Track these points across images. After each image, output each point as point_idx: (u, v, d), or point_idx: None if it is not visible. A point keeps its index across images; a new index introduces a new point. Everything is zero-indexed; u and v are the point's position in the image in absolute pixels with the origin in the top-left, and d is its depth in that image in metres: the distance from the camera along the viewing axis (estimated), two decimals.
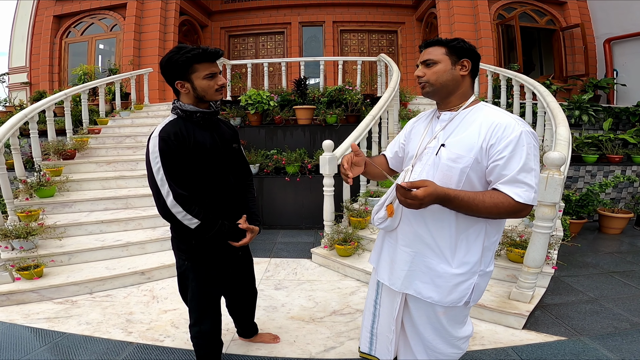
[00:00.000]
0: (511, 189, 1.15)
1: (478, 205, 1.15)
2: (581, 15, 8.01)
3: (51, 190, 4.01)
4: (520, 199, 1.14)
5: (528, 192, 1.15)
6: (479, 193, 1.18)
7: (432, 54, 1.31)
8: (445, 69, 1.29)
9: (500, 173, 1.18)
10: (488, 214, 1.17)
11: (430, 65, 1.31)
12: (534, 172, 1.17)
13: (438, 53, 1.30)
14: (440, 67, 1.29)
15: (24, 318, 2.66)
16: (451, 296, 1.31)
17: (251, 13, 10.57)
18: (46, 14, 9.09)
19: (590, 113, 5.67)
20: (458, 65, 1.29)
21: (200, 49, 1.50)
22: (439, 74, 1.30)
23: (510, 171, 1.16)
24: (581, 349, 2.24)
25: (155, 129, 1.54)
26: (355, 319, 2.61)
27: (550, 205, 2.33)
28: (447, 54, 1.29)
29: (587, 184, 4.97)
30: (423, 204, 1.12)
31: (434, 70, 1.30)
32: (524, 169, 1.15)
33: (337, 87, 5.90)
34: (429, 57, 1.31)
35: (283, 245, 4.21)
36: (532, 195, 1.16)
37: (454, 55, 1.29)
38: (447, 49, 1.29)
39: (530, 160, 1.16)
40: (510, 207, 1.15)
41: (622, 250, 4.06)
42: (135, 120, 6.42)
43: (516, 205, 1.15)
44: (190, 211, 1.53)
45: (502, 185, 1.17)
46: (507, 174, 1.16)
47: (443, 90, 1.32)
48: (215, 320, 1.85)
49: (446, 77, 1.29)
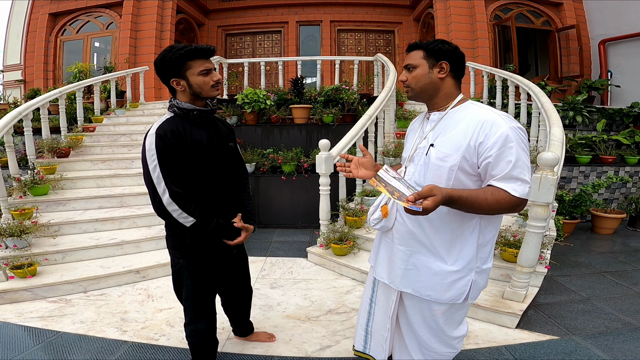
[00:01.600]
0: (507, 184, 1.17)
1: (481, 202, 1.16)
2: (577, 17, 8.07)
3: (45, 188, 3.99)
4: (516, 193, 1.16)
5: (523, 186, 1.17)
6: (479, 191, 1.19)
7: (412, 58, 1.33)
8: (424, 73, 1.31)
9: (494, 169, 1.19)
10: (490, 210, 1.19)
11: (411, 70, 1.34)
12: (526, 166, 1.19)
13: (417, 57, 1.32)
14: (419, 72, 1.32)
15: (18, 317, 2.64)
16: (449, 293, 1.32)
17: (248, 12, 10.54)
18: (41, 11, 9.01)
19: (584, 114, 5.71)
20: (436, 67, 1.30)
21: (192, 46, 1.51)
22: (418, 78, 1.32)
23: (503, 168, 1.17)
24: (573, 348, 2.26)
25: (152, 127, 1.54)
26: (350, 317, 2.62)
27: (543, 205, 2.35)
28: (424, 57, 1.31)
29: (581, 184, 5.01)
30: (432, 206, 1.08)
31: (413, 74, 1.33)
32: (517, 165, 1.17)
33: (334, 87, 5.90)
34: (409, 61, 1.34)
35: (279, 244, 4.21)
36: (527, 189, 1.18)
37: (431, 58, 1.30)
38: (424, 52, 1.31)
39: (521, 156, 1.18)
40: (510, 201, 1.17)
41: (614, 250, 4.09)
42: (130, 118, 6.39)
43: (513, 199, 1.17)
44: (186, 209, 1.53)
45: (497, 182, 1.18)
46: (501, 171, 1.17)
47: (424, 94, 1.35)
48: (210, 318, 1.85)
49: (424, 81, 1.31)
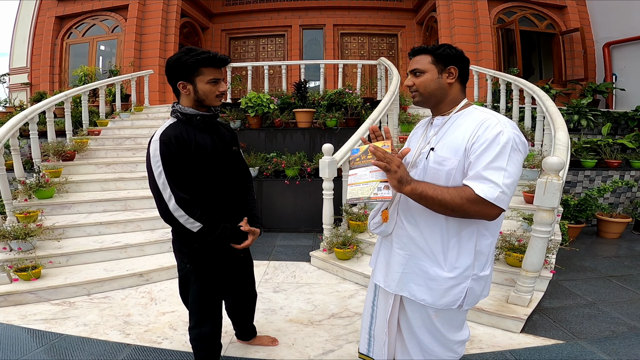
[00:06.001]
0: (475, 182, 1.14)
1: (443, 191, 1.15)
2: (581, 20, 8.04)
3: (50, 191, 4.01)
4: (481, 193, 1.10)
5: (492, 189, 1.10)
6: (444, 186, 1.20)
7: (419, 62, 1.31)
8: (432, 78, 1.29)
9: (470, 169, 1.17)
10: (452, 204, 1.14)
11: (418, 75, 1.32)
12: (503, 172, 1.12)
13: (425, 62, 1.30)
14: (427, 77, 1.30)
15: (21, 319, 2.65)
16: (444, 299, 1.31)
17: (252, 15, 10.60)
18: (48, 14, 9.11)
19: (589, 117, 5.68)
20: (445, 73, 1.29)
21: (210, 53, 1.51)
22: (426, 83, 1.30)
23: (476, 167, 1.15)
24: (579, 352, 2.24)
25: (156, 133, 1.54)
26: (353, 322, 2.61)
27: (548, 210, 2.34)
28: (433, 62, 1.29)
29: (586, 188, 4.98)
30: (399, 171, 1.15)
31: (421, 80, 1.31)
32: (491, 166, 1.13)
33: (337, 91, 5.91)
34: (416, 66, 1.32)
35: (282, 248, 4.21)
36: (497, 194, 1.10)
37: (440, 64, 1.29)
38: (433, 57, 1.29)
39: (501, 159, 1.13)
40: (472, 199, 1.12)
41: (620, 255, 4.06)
42: (135, 122, 6.43)
43: (476, 199, 1.11)
44: (192, 214, 1.53)
45: (467, 180, 1.16)
46: (473, 170, 1.15)
47: (432, 99, 1.33)
48: (216, 323, 1.85)
49: (433, 87, 1.30)
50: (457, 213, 1.18)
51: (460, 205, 1.14)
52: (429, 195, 1.16)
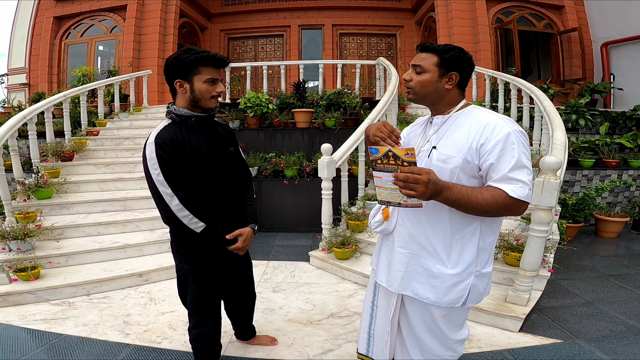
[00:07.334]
0: (506, 185, 1.16)
1: (477, 196, 1.16)
2: (579, 19, 8.07)
3: (49, 192, 4.01)
4: (514, 194, 1.14)
5: (522, 188, 1.15)
6: (477, 187, 1.20)
7: (424, 60, 1.29)
8: (432, 81, 1.28)
9: (494, 171, 1.19)
10: (487, 208, 1.16)
11: (418, 72, 1.30)
12: (526, 169, 1.17)
13: (429, 62, 1.28)
14: (427, 78, 1.28)
15: (21, 319, 2.65)
16: (448, 297, 1.31)
17: (251, 16, 10.60)
18: (46, 15, 9.09)
19: (587, 117, 5.70)
20: (445, 77, 1.28)
21: (209, 53, 1.51)
22: (424, 84, 1.29)
23: (502, 169, 1.17)
24: (577, 351, 2.25)
25: (150, 135, 1.53)
26: (353, 321, 2.61)
27: (546, 209, 2.35)
28: (438, 64, 1.27)
29: (584, 188, 5.00)
30: (426, 191, 1.08)
31: (420, 79, 1.30)
32: (516, 167, 1.16)
33: (336, 91, 5.92)
34: (420, 62, 1.30)
35: (281, 248, 4.21)
36: (527, 192, 1.16)
37: (443, 68, 1.27)
38: (440, 59, 1.27)
39: (522, 158, 1.17)
40: (508, 203, 1.15)
41: (618, 254, 4.07)
42: (134, 122, 6.42)
43: (510, 200, 1.15)
44: (196, 214, 1.53)
45: (496, 183, 1.18)
46: (500, 172, 1.17)
47: (426, 100, 1.34)
48: (215, 323, 1.85)
49: (430, 89, 1.29)
50: (488, 214, 1.22)
51: (495, 208, 1.17)
52: (462, 202, 1.17)
